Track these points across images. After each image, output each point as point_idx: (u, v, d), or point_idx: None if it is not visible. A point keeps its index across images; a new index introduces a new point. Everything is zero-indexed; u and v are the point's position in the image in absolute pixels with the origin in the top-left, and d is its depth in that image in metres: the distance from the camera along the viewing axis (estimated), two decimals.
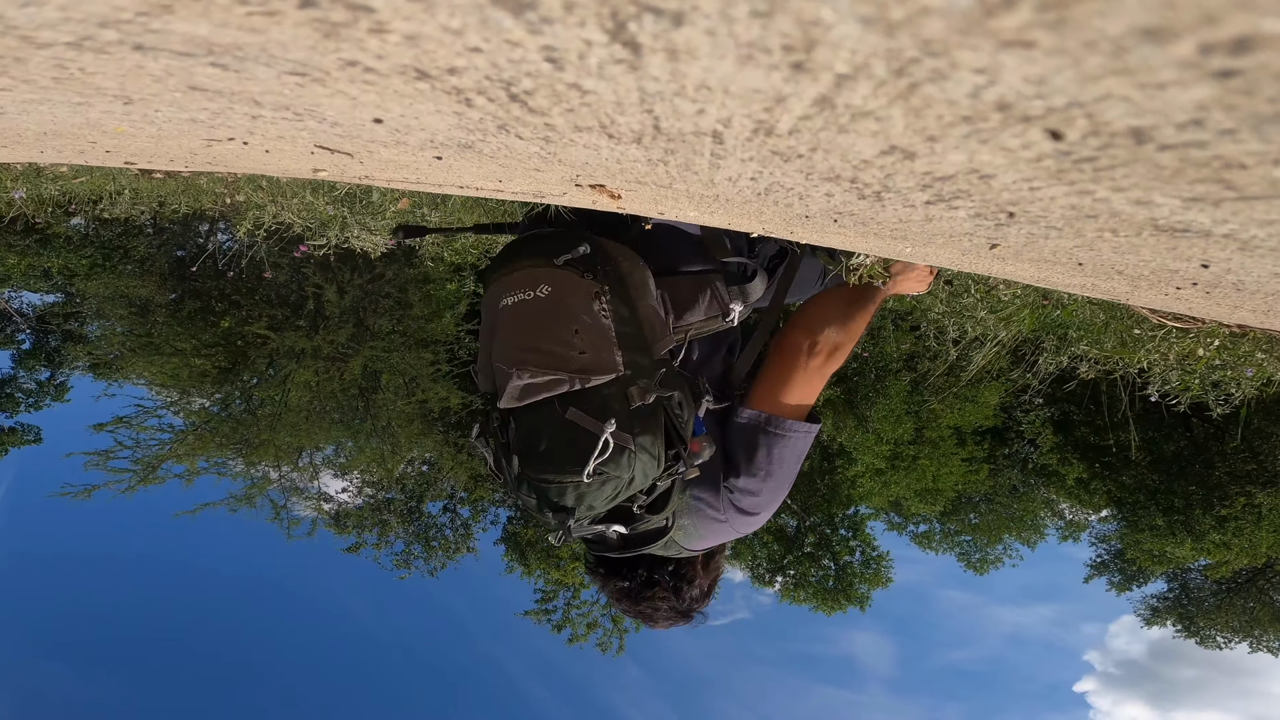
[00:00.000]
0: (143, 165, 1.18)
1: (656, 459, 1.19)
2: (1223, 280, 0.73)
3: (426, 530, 14.92)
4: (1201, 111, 0.30)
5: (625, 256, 1.33)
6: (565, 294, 1.26)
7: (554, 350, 1.22)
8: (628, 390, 1.20)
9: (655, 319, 1.29)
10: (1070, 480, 14.11)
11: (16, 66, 0.46)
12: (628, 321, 1.25)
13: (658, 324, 1.29)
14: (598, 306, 1.24)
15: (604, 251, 1.31)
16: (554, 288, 1.27)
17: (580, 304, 1.25)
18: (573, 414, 1.17)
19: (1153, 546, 13.39)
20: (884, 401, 12.22)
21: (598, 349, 1.22)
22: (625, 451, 1.16)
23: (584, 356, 1.21)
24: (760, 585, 16.55)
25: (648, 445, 1.17)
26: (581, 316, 1.23)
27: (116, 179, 5.26)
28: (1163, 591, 16.29)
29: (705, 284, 1.36)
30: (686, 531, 1.37)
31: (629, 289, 1.28)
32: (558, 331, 1.23)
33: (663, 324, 1.30)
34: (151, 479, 12.12)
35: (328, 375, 12.62)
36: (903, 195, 0.57)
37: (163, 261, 13.51)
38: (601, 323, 1.23)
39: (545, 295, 1.27)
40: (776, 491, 1.40)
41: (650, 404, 1.20)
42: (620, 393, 1.20)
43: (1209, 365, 3.47)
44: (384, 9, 0.33)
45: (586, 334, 1.22)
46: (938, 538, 17.24)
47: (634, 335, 1.25)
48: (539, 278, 1.28)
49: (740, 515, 1.39)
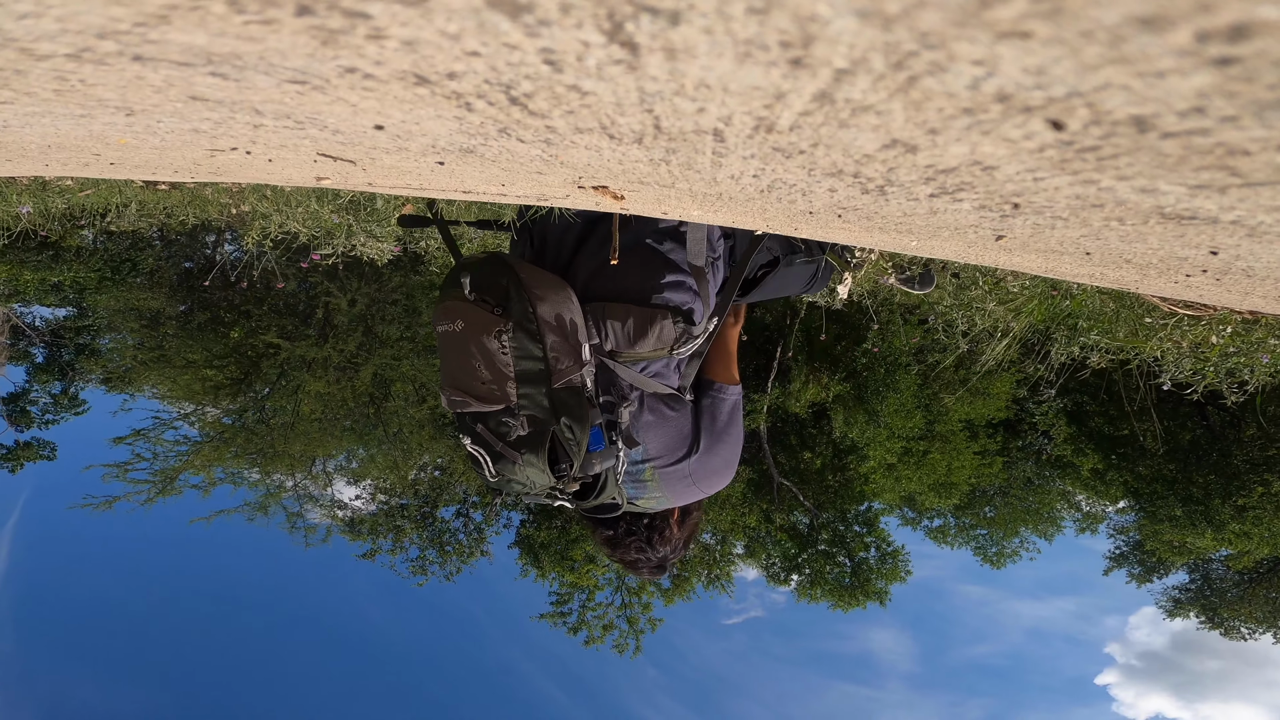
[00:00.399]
0: (147, 177, 1.19)
1: (543, 471, 1.43)
2: (1232, 267, 0.72)
3: (440, 535, 14.98)
4: (1202, 99, 0.30)
5: (545, 287, 1.46)
6: (473, 330, 1.45)
7: (464, 380, 1.48)
8: (517, 418, 1.45)
9: (563, 351, 1.44)
10: (1086, 471, 13.96)
11: (17, 79, 0.46)
12: (529, 356, 1.43)
13: (565, 355, 1.44)
14: (497, 345, 1.43)
15: (520, 285, 1.45)
16: (466, 323, 1.46)
17: (484, 341, 1.44)
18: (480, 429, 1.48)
19: (1172, 537, 13.27)
20: (894, 396, 12.15)
21: (496, 381, 1.44)
22: (514, 464, 1.44)
23: (484, 386, 1.46)
24: (775, 584, 16.43)
25: (533, 461, 1.43)
26: (484, 352, 1.44)
27: (122, 191, 5.28)
28: (1184, 583, 16.15)
29: (656, 317, 1.50)
30: (657, 501, 1.60)
31: (538, 323, 1.43)
32: (467, 363, 1.47)
33: (572, 355, 1.45)
34: (169, 490, 12.24)
35: (339, 384, 12.70)
36: (906, 189, 0.57)
37: (171, 273, 13.63)
38: (500, 359, 1.43)
39: (459, 330, 1.47)
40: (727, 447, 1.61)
41: (528, 433, 1.44)
42: (509, 418, 1.45)
43: (1222, 352, 3.45)
44: (381, 15, 0.33)
45: (487, 368, 1.45)
46: (952, 532, 17.08)
47: (533, 370, 1.43)
48: (455, 312, 1.48)
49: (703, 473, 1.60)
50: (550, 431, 1.43)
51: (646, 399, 1.55)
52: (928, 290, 3.59)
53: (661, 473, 1.57)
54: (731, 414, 1.63)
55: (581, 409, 1.44)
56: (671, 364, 1.55)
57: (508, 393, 1.44)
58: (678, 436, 1.57)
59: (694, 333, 1.51)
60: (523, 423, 1.45)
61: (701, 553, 15.17)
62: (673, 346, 1.50)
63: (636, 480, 1.57)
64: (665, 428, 1.56)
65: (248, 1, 0.32)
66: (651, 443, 1.55)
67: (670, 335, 1.49)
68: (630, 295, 1.51)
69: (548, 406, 1.44)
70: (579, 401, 1.44)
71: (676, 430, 1.57)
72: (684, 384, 1.57)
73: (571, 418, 1.43)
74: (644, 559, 1.67)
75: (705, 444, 1.58)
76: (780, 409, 13.64)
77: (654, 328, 1.48)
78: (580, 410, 1.44)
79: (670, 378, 1.55)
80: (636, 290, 1.51)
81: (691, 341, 1.52)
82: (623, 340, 1.49)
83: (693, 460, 1.57)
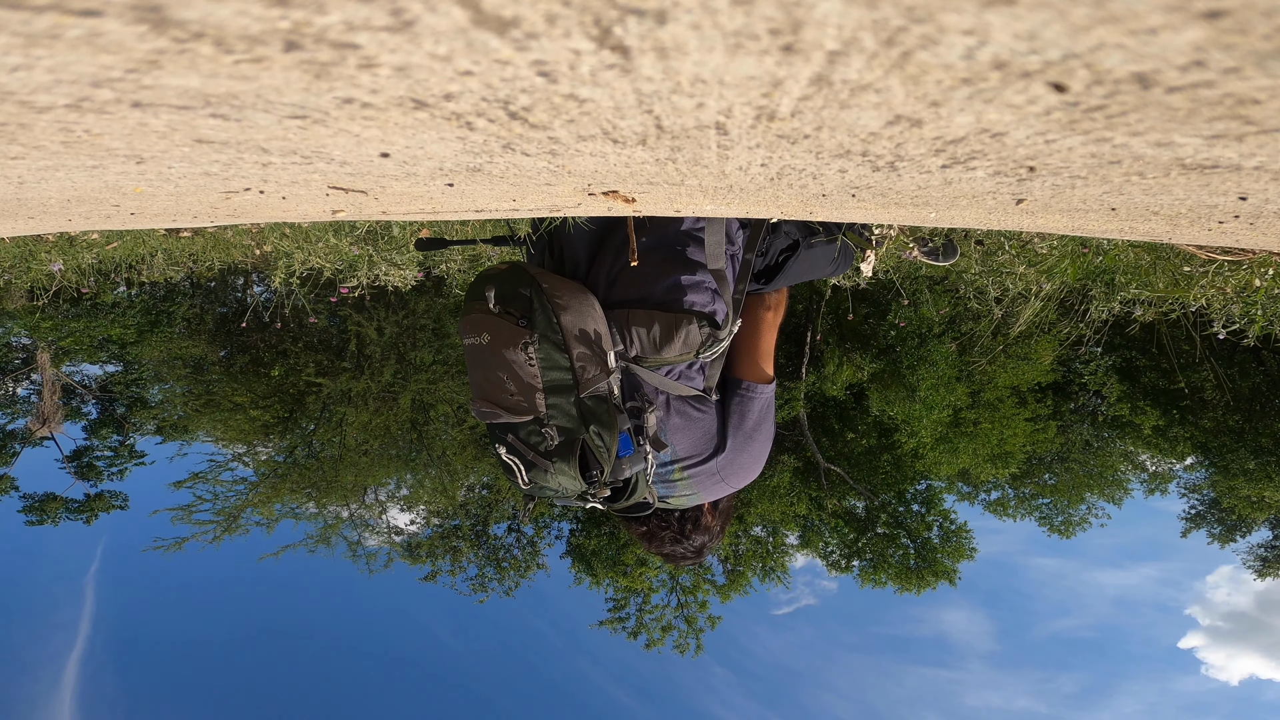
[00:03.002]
0: (168, 225, 1.22)
1: (574, 478, 1.45)
2: (1264, 210, 0.70)
3: (496, 552, 15.13)
4: (1200, 52, 0.29)
5: (568, 295, 1.47)
6: (499, 343, 1.46)
7: (493, 392, 1.50)
8: (547, 428, 1.46)
9: (589, 360, 1.46)
10: (1147, 430, 13.49)
11: (23, 133, 0.47)
12: (556, 366, 1.44)
13: (591, 364, 1.46)
14: (524, 356, 1.44)
15: (542, 295, 1.46)
16: (491, 335, 1.47)
17: (509, 354, 1.45)
18: (511, 438, 1.50)
19: (1250, 492, 12.76)
20: (929, 369, 11.93)
21: (524, 393, 1.46)
22: (547, 472, 1.46)
23: (513, 399, 1.47)
24: (837, 572, 16.17)
25: (565, 469, 1.45)
26: (511, 364, 1.46)
27: (146, 241, 5.40)
28: (1269, 539, 15.53)
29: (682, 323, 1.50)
30: (688, 498, 1.62)
31: (563, 333, 1.44)
32: (495, 375, 1.48)
33: (598, 363, 1.46)
34: (235, 528, 12.55)
35: (379, 414, 12.88)
36: (917, 162, 0.56)
37: (208, 320, 13.94)
38: (527, 370, 1.45)
39: (484, 343, 1.48)
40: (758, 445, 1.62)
41: (558, 443, 1.46)
42: (539, 429, 1.47)
43: (1268, 295, 3.36)
44: (369, 44, 0.33)
45: (514, 381, 1.46)
46: (1012, 504, 16.68)
47: (560, 381, 1.45)
48: (480, 325, 1.49)
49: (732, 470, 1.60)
50: (580, 440, 1.45)
51: (672, 401, 1.55)
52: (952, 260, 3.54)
53: (690, 472, 1.58)
54: (763, 414, 1.62)
55: (609, 416, 1.46)
56: (696, 365, 1.54)
57: (536, 404, 1.45)
58: (704, 437, 1.58)
59: (719, 335, 1.51)
60: (553, 432, 1.46)
61: (754, 545, 15.10)
62: (699, 350, 1.50)
63: (666, 480, 1.59)
64: (692, 429, 1.56)
65: (234, 41, 0.32)
66: (679, 444, 1.56)
67: (696, 340, 1.49)
68: (653, 300, 1.51)
69: (576, 416, 1.45)
70: (606, 409, 1.46)
71: (703, 431, 1.57)
72: (709, 384, 1.57)
73: (600, 425, 1.45)
74: (681, 550, 1.69)
75: (734, 443, 1.59)
76: (818, 394, 13.53)
77: (679, 333, 1.48)
78: (608, 417, 1.46)
79: (695, 380, 1.55)
80: (659, 294, 1.51)
81: (718, 344, 1.52)
82: (648, 346, 1.49)
83: (721, 458, 1.58)
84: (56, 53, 0.33)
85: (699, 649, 14.67)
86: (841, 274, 2.14)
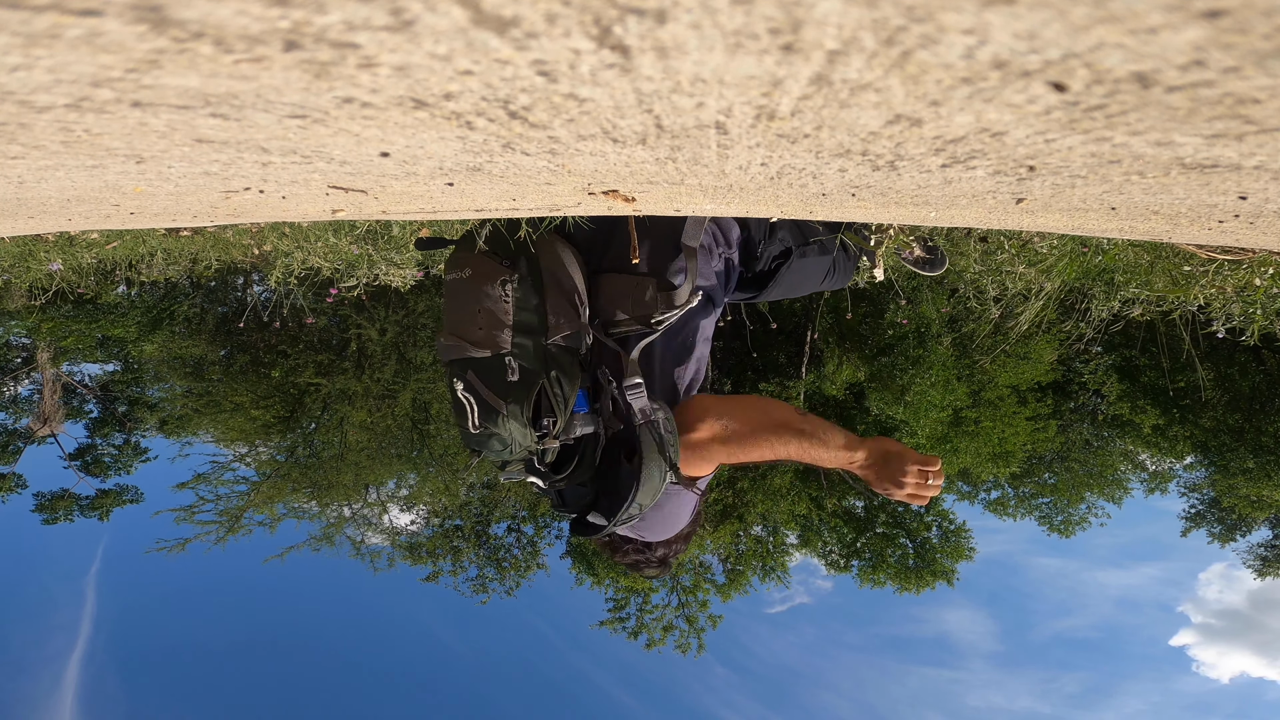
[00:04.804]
0: (168, 224, 1.22)
1: (524, 428, 1.44)
2: (1264, 209, 0.70)
3: (496, 552, 15.09)
4: (1199, 52, 0.29)
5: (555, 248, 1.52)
6: (479, 278, 1.50)
7: (462, 323, 1.51)
8: (505, 364, 1.47)
9: (563, 308, 1.49)
10: (1146, 429, 13.43)
11: (23, 133, 0.47)
12: (530, 308, 1.48)
13: (565, 313, 1.49)
14: (500, 293, 1.48)
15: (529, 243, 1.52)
16: (473, 271, 1.52)
17: (488, 288, 1.49)
18: (470, 375, 1.48)
19: (1249, 491, 12.72)
20: (925, 371, 11.90)
21: (491, 327, 1.48)
22: (498, 414, 1.44)
23: (480, 332, 1.49)
24: (835, 571, 16.15)
25: (516, 414, 1.44)
26: (486, 298, 1.49)
27: (146, 241, 5.38)
28: (1269, 539, 15.47)
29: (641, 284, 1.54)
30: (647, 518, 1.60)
31: (542, 278, 1.49)
32: (468, 308, 1.51)
33: (572, 313, 1.50)
34: (237, 528, 12.54)
35: (379, 413, 12.87)
36: (916, 161, 0.56)
37: (208, 319, 13.92)
38: (501, 305, 1.48)
39: (466, 277, 1.52)
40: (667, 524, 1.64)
41: (518, 379, 1.46)
42: (499, 365, 1.47)
43: (1268, 294, 3.35)
44: (369, 43, 0.33)
45: (486, 315, 1.49)
46: (1012, 503, 16.64)
47: (530, 320, 1.48)
48: (464, 261, 1.54)
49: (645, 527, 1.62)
50: (539, 385, 1.46)
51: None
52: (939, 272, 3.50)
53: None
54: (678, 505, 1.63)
55: (573, 368, 1.49)
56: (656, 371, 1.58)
57: (500, 340, 1.48)
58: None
59: (674, 301, 1.54)
60: (515, 365, 1.47)
61: (754, 545, 15.07)
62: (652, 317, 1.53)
63: None
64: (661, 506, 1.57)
65: (234, 41, 0.32)
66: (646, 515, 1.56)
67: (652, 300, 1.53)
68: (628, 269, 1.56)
69: (540, 359, 1.48)
70: (571, 360, 1.50)
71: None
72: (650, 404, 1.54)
73: (561, 372, 1.47)
74: (644, 559, 1.72)
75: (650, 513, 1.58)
76: (817, 394, 13.50)
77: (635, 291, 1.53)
78: (571, 369, 1.49)
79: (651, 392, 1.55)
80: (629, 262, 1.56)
81: (671, 310, 1.54)
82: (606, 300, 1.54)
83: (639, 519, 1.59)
84: (56, 52, 0.33)
85: (701, 648, 14.64)
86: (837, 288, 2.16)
